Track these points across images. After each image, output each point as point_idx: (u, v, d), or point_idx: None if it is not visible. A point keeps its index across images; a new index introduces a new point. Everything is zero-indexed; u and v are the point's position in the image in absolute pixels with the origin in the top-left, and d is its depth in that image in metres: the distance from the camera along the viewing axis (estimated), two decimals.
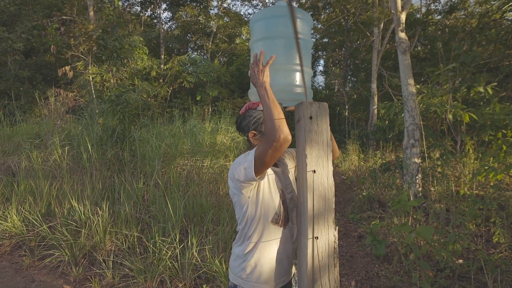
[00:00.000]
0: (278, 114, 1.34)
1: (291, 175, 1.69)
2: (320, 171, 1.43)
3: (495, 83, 5.73)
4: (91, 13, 11.14)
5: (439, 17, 13.05)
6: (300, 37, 1.50)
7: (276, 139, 1.30)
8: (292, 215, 1.58)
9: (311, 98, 1.56)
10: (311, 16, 1.58)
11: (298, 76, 1.49)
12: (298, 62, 1.46)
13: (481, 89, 5.47)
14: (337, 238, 1.46)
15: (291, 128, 1.52)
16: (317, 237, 1.40)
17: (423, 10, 13.38)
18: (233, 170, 1.48)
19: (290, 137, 1.34)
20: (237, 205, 1.56)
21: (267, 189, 1.52)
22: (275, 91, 1.46)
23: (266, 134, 1.33)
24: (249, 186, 1.47)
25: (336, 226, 1.47)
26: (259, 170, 1.40)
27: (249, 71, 1.46)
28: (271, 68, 1.45)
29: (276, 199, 1.53)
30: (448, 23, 12.16)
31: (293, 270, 1.70)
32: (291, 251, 1.60)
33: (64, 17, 11.62)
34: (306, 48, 1.54)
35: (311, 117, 1.43)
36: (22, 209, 4.42)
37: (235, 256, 1.61)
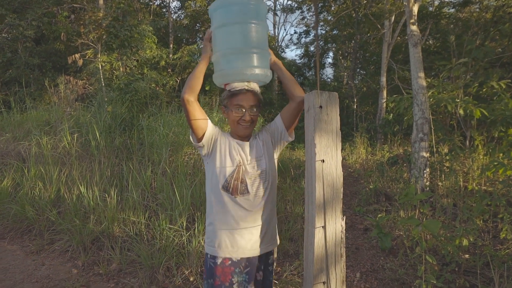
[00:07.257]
0: (189, 81, 1.55)
1: (273, 153, 1.75)
2: (329, 161, 1.43)
3: (509, 80, 5.62)
4: (101, 1, 11.14)
5: (452, 10, 12.79)
6: (257, 22, 1.63)
7: (181, 101, 1.56)
8: (253, 187, 1.64)
9: (269, 79, 1.70)
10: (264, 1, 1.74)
11: (255, 58, 1.61)
12: (255, 45, 1.62)
13: (494, 84, 5.37)
14: (344, 228, 1.46)
15: (300, 118, 1.54)
16: (324, 226, 1.41)
17: (436, 3, 13.12)
18: None
19: (187, 96, 1.53)
20: None
21: (219, 156, 1.64)
22: (236, 74, 1.61)
23: None
24: (202, 150, 1.65)
25: (343, 216, 1.47)
26: (193, 132, 1.60)
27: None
28: (229, 53, 1.60)
29: (229, 168, 1.63)
30: (462, 16, 11.91)
31: (274, 253, 1.78)
32: (251, 223, 1.63)
33: (74, 5, 11.63)
34: (264, 32, 1.68)
35: (321, 107, 1.42)
36: (32, 194, 4.49)
37: None
